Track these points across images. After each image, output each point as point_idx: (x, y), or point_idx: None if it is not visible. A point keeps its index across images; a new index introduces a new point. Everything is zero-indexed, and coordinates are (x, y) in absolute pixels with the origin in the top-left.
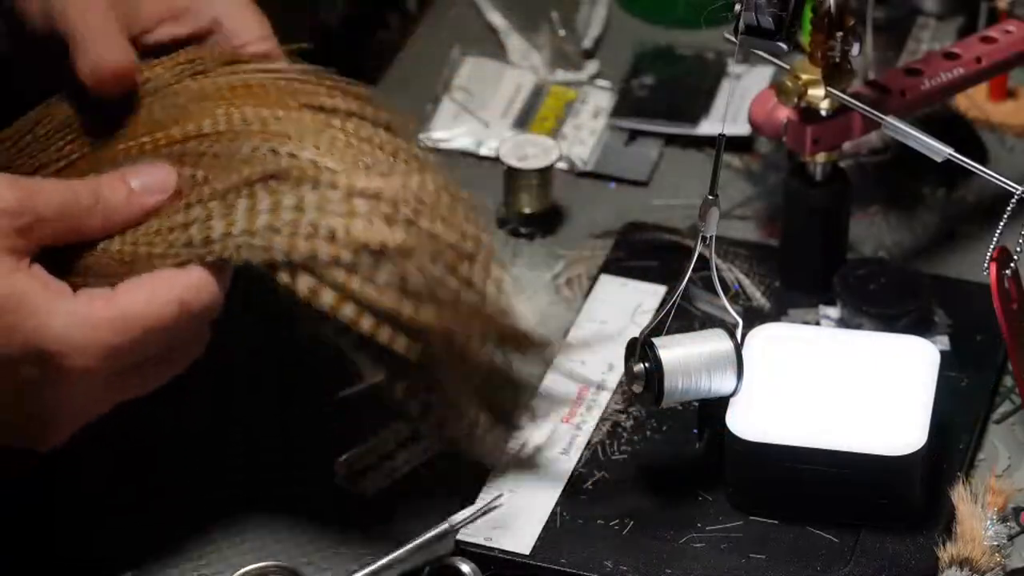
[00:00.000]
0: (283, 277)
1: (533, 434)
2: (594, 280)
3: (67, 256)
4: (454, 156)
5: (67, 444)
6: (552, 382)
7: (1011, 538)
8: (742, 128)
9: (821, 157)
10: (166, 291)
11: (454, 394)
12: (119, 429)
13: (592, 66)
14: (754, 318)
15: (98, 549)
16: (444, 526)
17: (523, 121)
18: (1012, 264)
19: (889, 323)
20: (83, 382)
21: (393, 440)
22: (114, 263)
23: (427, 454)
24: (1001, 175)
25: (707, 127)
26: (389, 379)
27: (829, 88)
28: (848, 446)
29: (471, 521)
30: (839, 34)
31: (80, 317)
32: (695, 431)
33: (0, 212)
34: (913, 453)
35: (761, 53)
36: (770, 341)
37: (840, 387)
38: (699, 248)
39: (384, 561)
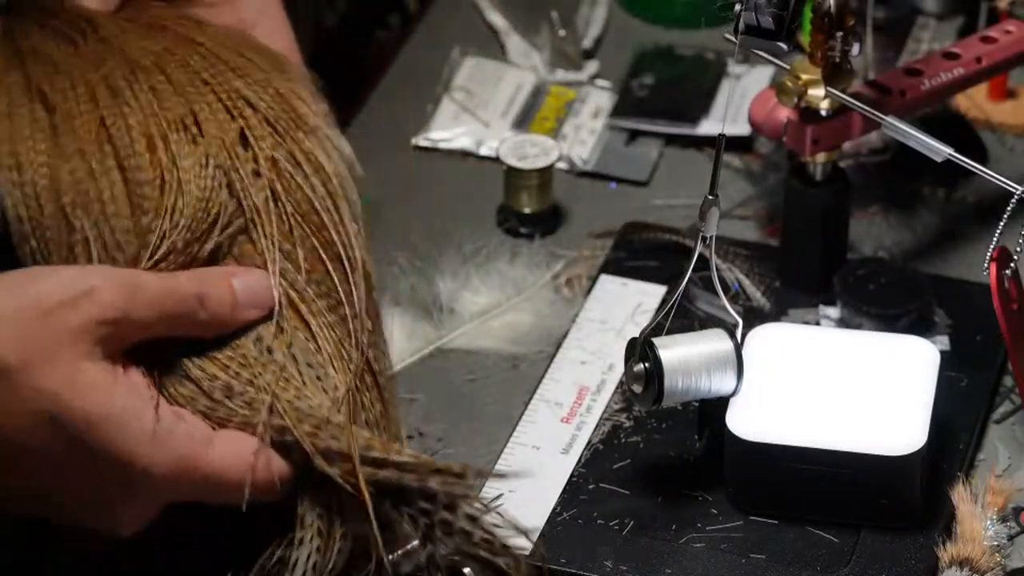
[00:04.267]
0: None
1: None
2: (594, 280)
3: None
4: (454, 156)
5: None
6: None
7: (1011, 538)
8: (742, 128)
9: (821, 157)
10: (249, 463)
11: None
12: None
13: (592, 66)
14: (754, 318)
15: (98, 548)
16: None
17: (523, 121)
18: (1012, 264)
19: (889, 323)
20: (154, 496)
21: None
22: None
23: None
24: (1001, 175)
25: (707, 127)
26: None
27: (829, 88)
28: (848, 446)
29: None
30: (839, 34)
31: (171, 452)
32: (696, 433)
33: (101, 319)
34: (913, 453)
35: (761, 53)
36: (770, 341)
37: (840, 387)
38: (699, 248)
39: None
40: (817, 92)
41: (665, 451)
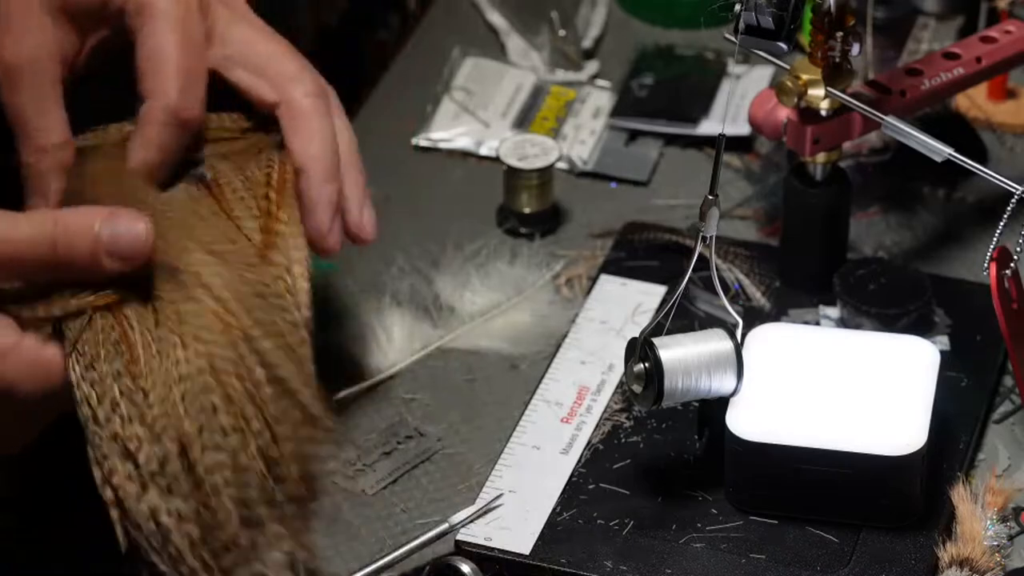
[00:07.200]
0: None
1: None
2: (594, 280)
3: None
4: (454, 156)
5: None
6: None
7: (1011, 538)
8: (742, 128)
9: (821, 157)
10: None
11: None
12: None
13: (592, 66)
14: (754, 318)
15: (99, 548)
16: (444, 526)
17: (523, 121)
18: (1012, 264)
19: (889, 323)
20: (29, 410)
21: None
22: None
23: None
24: (1001, 175)
25: (707, 127)
26: None
27: (829, 88)
28: (848, 446)
29: (471, 521)
30: (839, 34)
31: (25, 359)
32: (696, 433)
33: None
34: (913, 453)
35: (761, 53)
36: (770, 341)
37: (840, 387)
38: (699, 248)
39: (384, 561)
40: (817, 92)
41: (665, 451)
